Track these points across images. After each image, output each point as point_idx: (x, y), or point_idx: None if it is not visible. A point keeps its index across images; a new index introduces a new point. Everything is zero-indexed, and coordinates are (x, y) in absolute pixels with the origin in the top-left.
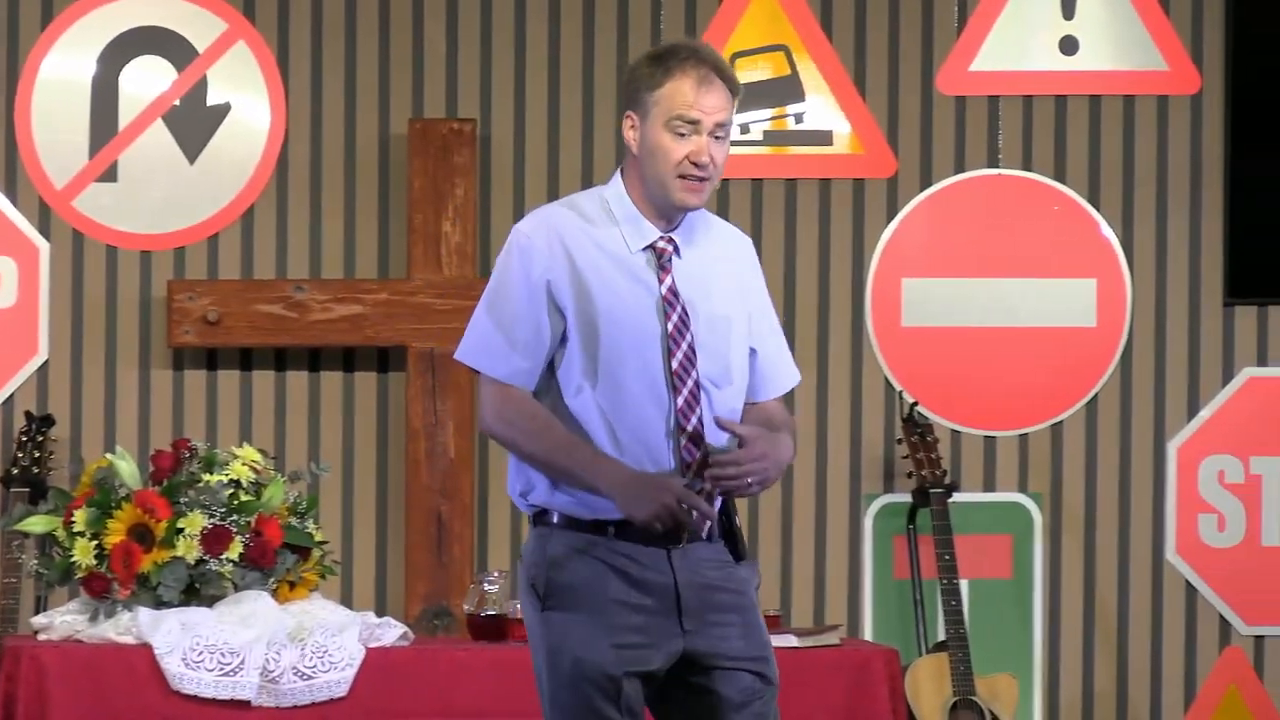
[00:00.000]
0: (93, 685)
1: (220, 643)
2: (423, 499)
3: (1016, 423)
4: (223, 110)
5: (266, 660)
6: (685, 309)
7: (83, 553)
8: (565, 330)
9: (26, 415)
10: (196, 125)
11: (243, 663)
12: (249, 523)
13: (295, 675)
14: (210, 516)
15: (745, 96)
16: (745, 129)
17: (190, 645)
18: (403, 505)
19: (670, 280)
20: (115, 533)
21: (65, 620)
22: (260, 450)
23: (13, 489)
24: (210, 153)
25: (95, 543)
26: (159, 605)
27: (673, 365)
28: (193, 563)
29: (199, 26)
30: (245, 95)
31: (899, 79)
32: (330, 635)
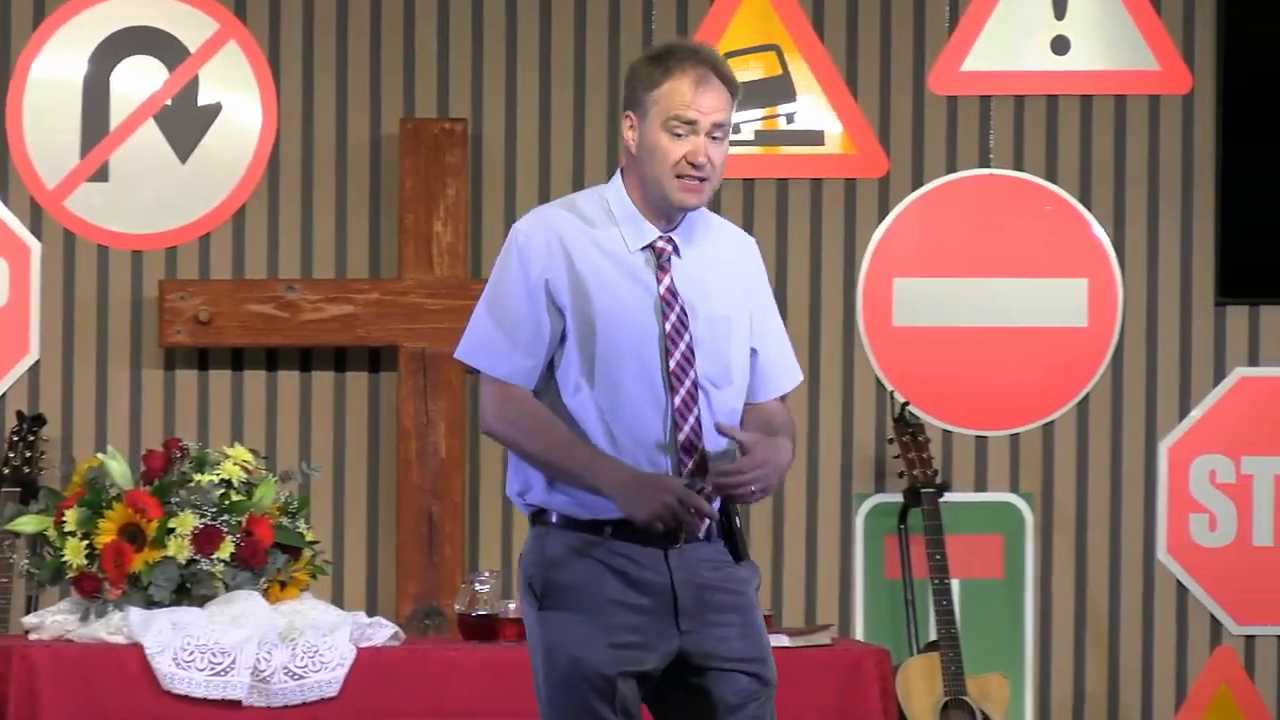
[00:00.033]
0: (84, 685)
1: (211, 642)
2: (414, 499)
3: (1008, 422)
4: (214, 110)
5: (257, 660)
6: (684, 309)
7: (74, 552)
8: (564, 330)
9: (18, 415)
10: (188, 125)
11: (234, 662)
12: (240, 522)
13: (286, 675)
14: (201, 516)
15: None
16: (736, 129)
17: (181, 645)
18: (394, 505)
19: (669, 280)
20: (106, 532)
21: (56, 620)
22: (251, 450)
23: (4, 489)
24: (201, 152)
25: (86, 542)
26: (150, 605)
27: (670, 365)
28: (184, 562)
29: (190, 26)
30: (236, 95)
31: (890, 79)
32: (321, 635)
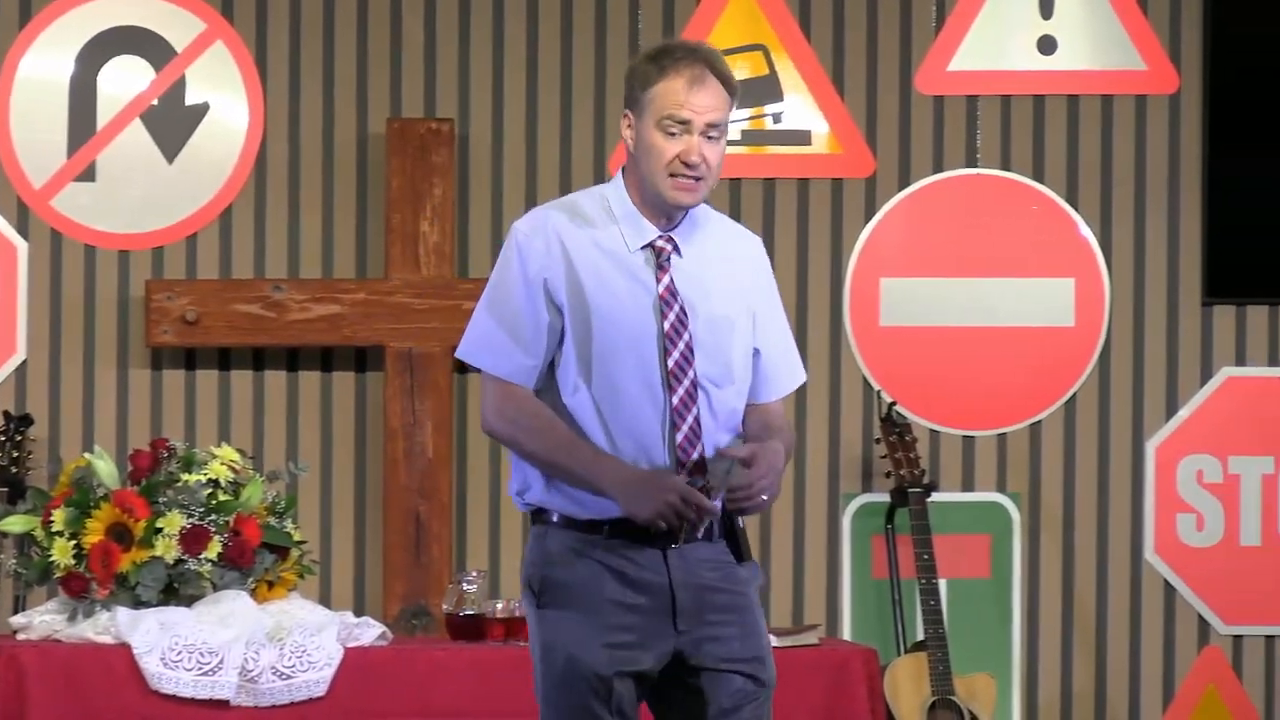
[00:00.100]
0: (71, 685)
1: (199, 642)
2: (401, 499)
3: (995, 422)
4: (201, 110)
5: (245, 660)
6: (684, 308)
7: (61, 552)
8: (563, 329)
9: (5, 415)
10: (175, 125)
11: (221, 662)
12: (227, 522)
13: (274, 675)
14: (189, 516)
15: None
16: None
17: (169, 645)
18: (381, 505)
19: (668, 279)
20: (94, 532)
21: (44, 620)
22: (239, 450)
23: None
24: (188, 152)
25: (74, 542)
26: (137, 605)
27: (669, 364)
28: (171, 562)
29: (177, 26)
30: (223, 95)
31: (877, 79)
32: (309, 635)
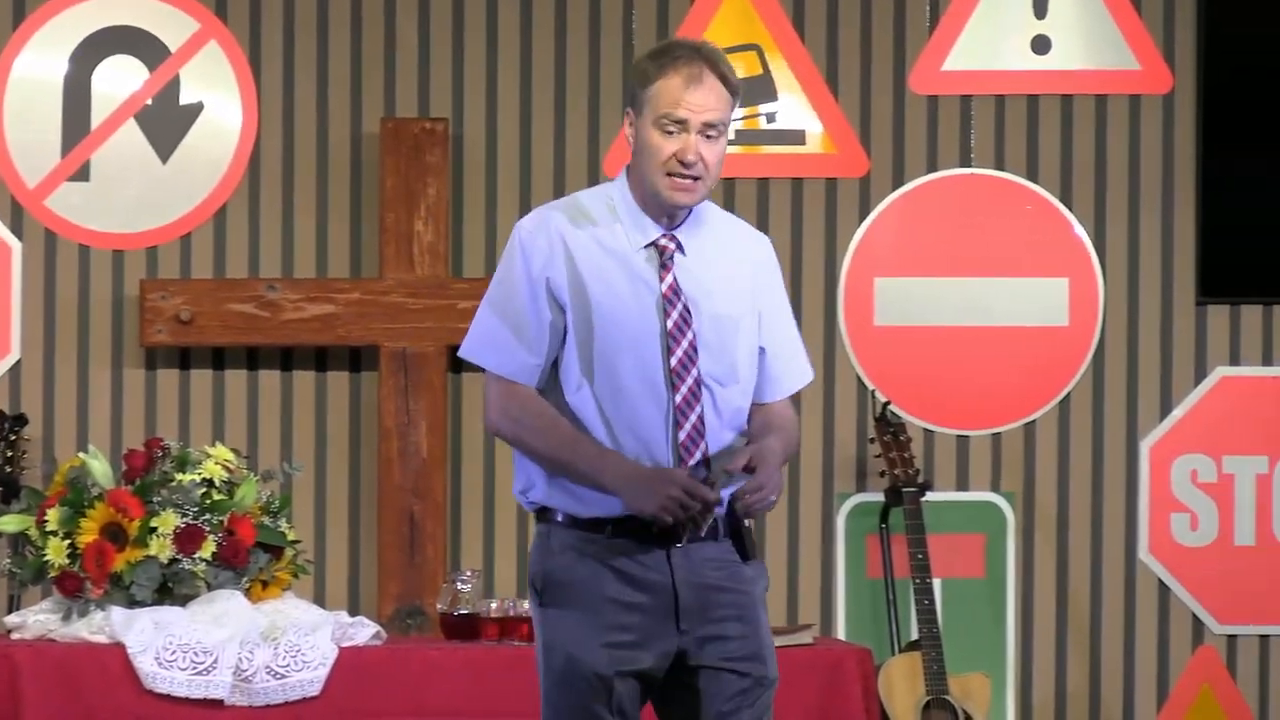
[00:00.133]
0: (66, 684)
1: (193, 642)
2: (395, 498)
3: (989, 422)
4: (195, 109)
5: (239, 659)
6: (687, 306)
7: (55, 552)
8: (565, 327)
9: None
10: (169, 124)
11: (216, 662)
12: (222, 522)
13: (268, 674)
14: (183, 516)
15: None
16: None
17: (163, 644)
18: (375, 505)
19: (671, 278)
20: (88, 532)
21: (38, 619)
22: (233, 449)
23: None
24: (182, 152)
25: (68, 542)
26: (132, 604)
27: (671, 363)
28: (166, 562)
29: (171, 26)
30: (217, 94)
31: (871, 78)
32: (303, 634)
